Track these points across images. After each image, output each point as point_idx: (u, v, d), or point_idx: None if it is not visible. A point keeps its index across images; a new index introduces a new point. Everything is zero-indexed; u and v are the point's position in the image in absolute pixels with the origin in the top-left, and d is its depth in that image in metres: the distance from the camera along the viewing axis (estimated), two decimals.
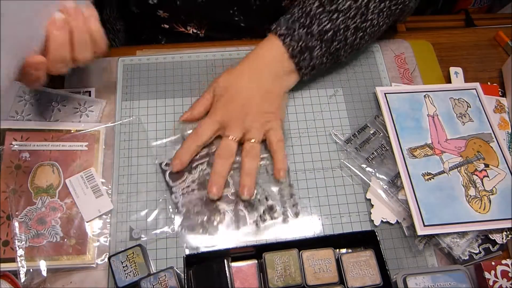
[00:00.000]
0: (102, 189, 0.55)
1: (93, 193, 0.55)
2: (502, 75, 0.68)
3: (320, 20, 0.57)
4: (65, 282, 0.51)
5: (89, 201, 0.54)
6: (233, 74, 0.59)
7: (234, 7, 0.68)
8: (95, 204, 0.54)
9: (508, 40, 0.71)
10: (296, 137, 0.61)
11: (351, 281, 0.48)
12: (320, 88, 0.65)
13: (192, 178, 0.56)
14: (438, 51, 0.70)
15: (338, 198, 0.57)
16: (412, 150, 0.58)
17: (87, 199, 0.54)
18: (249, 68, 0.59)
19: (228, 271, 0.48)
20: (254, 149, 0.56)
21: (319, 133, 0.61)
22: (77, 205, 0.54)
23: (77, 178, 0.55)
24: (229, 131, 0.56)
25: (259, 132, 0.57)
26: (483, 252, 0.53)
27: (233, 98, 0.57)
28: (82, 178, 0.55)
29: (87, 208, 0.54)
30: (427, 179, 0.56)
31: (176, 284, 0.47)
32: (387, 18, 0.61)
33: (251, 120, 0.57)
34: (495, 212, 0.54)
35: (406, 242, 0.54)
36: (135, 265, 0.49)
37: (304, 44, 0.57)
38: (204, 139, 0.56)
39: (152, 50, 0.67)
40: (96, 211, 0.54)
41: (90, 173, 0.56)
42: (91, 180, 0.55)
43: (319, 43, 0.57)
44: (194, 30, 0.73)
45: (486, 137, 0.60)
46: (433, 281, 0.48)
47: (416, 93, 0.63)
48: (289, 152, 0.59)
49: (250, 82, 0.58)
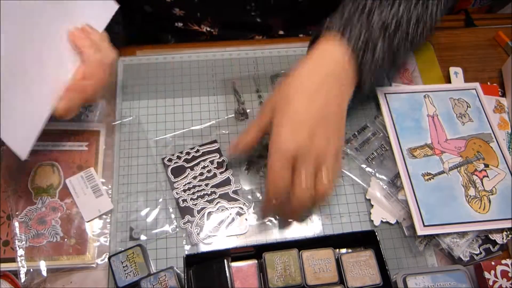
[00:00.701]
0: (102, 189, 0.55)
1: (93, 193, 0.55)
2: (502, 75, 0.68)
3: (380, 11, 0.50)
4: (65, 282, 0.51)
5: (89, 201, 0.54)
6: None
7: (252, 3, 0.67)
8: (95, 204, 0.54)
9: (508, 40, 0.71)
10: None
11: (351, 281, 0.48)
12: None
13: (193, 174, 0.56)
14: (438, 51, 0.70)
15: (338, 198, 0.57)
16: (412, 150, 0.58)
17: (87, 199, 0.54)
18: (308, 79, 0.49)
19: (228, 271, 0.48)
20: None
21: None
22: (77, 205, 0.54)
23: (77, 178, 0.55)
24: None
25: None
26: (483, 252, 0.53)
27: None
28: (82, 178, 0.55)
29: (87, 208, 0.54)
30: (427, 179, 0.56)
31: (176, 284, 0.47)
32: (444, 5, 0.55)
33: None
34: (495, 212, 0.54)
35: (406, 242, 0.54)
36: (135, 265, 0.49)
37: (366, 38, 0.49)
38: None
39: (152, 50, 0.67)
40: (96, 211, 0.54)
41: (90, 173, 0.56)
42: (91, 180, 0.55)
43: (382, 38, 0.50)
44: (208, 28, 0.73)
45: (486, 137, 0.60)
46: (433, 281, 0.48)
47: (416, 93, 0.63)
48: None
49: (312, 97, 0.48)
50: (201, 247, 0.53)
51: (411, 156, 0.58)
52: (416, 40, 0.54)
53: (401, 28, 0.51)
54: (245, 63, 0.66)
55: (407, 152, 0.58)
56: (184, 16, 0.70)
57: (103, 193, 0.55)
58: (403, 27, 0.51)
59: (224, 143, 0.60)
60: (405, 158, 0.57)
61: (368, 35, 0.49)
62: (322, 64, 0.49)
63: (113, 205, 0.55)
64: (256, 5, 0.67)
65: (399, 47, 0.52)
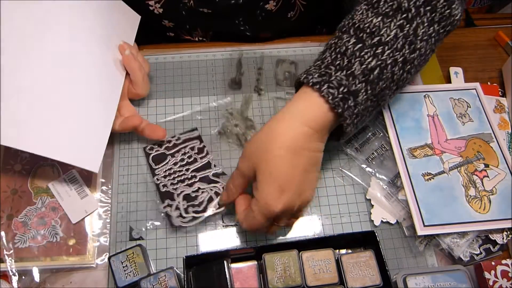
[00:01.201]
0: (87, 190, 0.55)
1: (78, 194, 0.55)
2: (502, 75, 0.68)
3: (362, 58, 0.46)
4: (65, 282, 0.51)
5: (74, 203, 0.54)
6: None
7: (239, 18, 0.67)
8: (81, 205, 0.54)
9: (508, 40, 0.71)
10: None
11: (351, 282, 0.48)
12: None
13: (174, 160, 0.56)
14: (438, 51, 0.69)
15: (338, 198, 0.57)
16: (412, 150, 0.58)
17: (71, 201, 0.54)
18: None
19: (228, 272, 0.48)
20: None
21: None
22: (62, 207, 0.54)
23: (60, 181, 0.55)
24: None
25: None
26: (484, 252, 0.53)
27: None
28: (65, 181, 0.55)
29: (73, 209, 0.54)
30: (427, 179, 0.56)
31: (176, 284, 0.47)
32: (434, 44, 0.51)
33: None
34: (495, 212, 0.54)
35: (406, 242, 0.54)
36: (135, 265, 0.49)
37: (347, 89, 0.46)
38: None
39: (152, 50, 0.67)
40: (83, 212, 0.54)
41: (72, 175, 0.56)
42: (74, 182, 0.55)
43: (364, 85, 0.46)
44: (200, 37, 0.73)
45: (486, 137, 0.60)
46: (433, 281, 0.48)
47: (416, 93, 0.63)
48: None
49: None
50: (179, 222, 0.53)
51: (411, 156, 0.57)
52: (404, 79, 0.50)
53: (386, 73, 0.47)
54: (245, 62, 0.66)
55: (407, 152, 0.58)
56: (173, 27, 0.71)
57: (88, 193, 0.55)
58: (388, 71, 0.47)
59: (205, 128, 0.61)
60: (405, 158, 0.57)
61: (348, 84, 0.46)
62: (301, 121, 0.47)
63: (111, 205, 0.55)
64: (244, 20, 0.67)
65: (384, 91, 0.49)
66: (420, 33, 0.48)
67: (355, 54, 0.47)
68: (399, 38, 0.47)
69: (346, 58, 0.47)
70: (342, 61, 0.47)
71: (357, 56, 0.47)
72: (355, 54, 0.47)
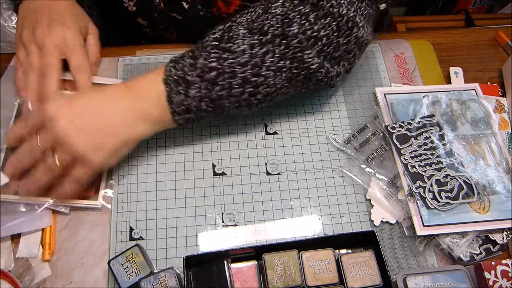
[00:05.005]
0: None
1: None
2: (502, 75, 0.68)
3: (208, 54, 0.49)
4: (65, 282, 0.51)
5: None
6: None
7: (207, 27, 0.62)
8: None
9: (508, 40, 0.71)
10: (296, 137, 0.61)
11: (351, 282, 0.48)
12: (320, 88, 0.65)
13: (418, 143, 0.57)
14: (438, 51, 0.70)
15: (338, 198, 0.57)
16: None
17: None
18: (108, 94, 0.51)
19: (228, 272, 0.48)
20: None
21: (319, 133, 0.61)
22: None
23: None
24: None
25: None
26: (484, 253, 0.53)
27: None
28: None
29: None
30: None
31: (176, 285, 0.47)
32: (287, 81, 0.51)
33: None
34: (494, 213, 0.54)
35: (406, 242, 0.54)
36: (136, 264, 0.49)
37: (183, 74, 0.48)
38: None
39: (152, 50, 0.67)
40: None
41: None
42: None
43: (199, 80, 0.48)
44: (174, 36, 0.74)
45: (486, 137, 0.60)
46: (433, 281, 0.48)
47: (415, 93, 0.63)
48: (289, 152, 0.59)
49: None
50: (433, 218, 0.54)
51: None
52: (248, 101, 0.51)
53: (222, 81, 0.48)
54: None
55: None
56: (148, 25, 0.72)
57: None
58: (225, 80, 0.49)
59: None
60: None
61: (187, 71, 0.48)
62: (136, 83, 0.51)
63: (113, 205, 0.55)
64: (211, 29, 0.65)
65: (223, 100, 0.50)
66: (268, 60, 0.49)
67: (207, 49, 0.49)
68: (246, 54, 0.48)
69: (200, 49, 0.50)
70: (197, 51, 0.50)
71: (206, 52, 0.49)
72: (206, 49, 0.49)
